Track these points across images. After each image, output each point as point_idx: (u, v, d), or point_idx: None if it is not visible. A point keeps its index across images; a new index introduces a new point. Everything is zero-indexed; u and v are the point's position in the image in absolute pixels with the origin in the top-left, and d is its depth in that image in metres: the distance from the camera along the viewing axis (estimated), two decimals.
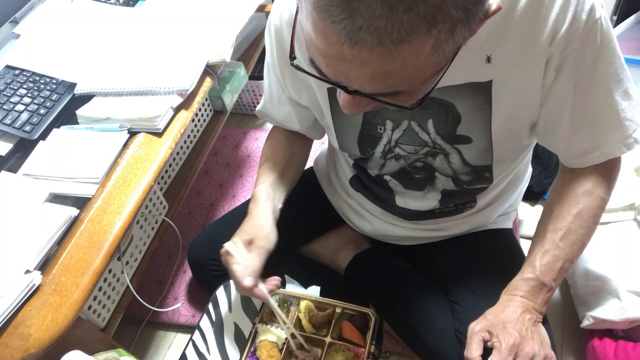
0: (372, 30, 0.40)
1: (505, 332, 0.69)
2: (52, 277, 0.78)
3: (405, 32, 0.40)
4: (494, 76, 0.65)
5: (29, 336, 0.73)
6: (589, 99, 0.66)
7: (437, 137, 0.74)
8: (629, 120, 0.67)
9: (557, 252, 0.73)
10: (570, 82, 0.64)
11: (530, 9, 0.59)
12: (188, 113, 0.98)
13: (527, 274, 0.74)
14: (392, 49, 0.42)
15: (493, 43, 0.62)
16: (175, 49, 1.06)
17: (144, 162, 0.91)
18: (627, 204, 1.02)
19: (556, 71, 0.63)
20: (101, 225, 0.84)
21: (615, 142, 0.69)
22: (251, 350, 0.88)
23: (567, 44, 0.60)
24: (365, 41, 0.41)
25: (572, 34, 0.59)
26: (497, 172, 0.80)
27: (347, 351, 0.85)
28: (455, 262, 0.92)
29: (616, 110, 0.66)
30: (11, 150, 0.98)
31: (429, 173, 0.81)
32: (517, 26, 0.60)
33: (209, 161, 1.56)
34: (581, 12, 0.58)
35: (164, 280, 1.28)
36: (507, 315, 0.72)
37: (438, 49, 0.44)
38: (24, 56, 1.10)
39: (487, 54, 0.63)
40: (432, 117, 0.72)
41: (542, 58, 0.62)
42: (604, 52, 0.62)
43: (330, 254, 1.10)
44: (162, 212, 1.12)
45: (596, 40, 0.61)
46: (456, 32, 0.43)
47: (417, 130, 0.74)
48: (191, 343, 0.94)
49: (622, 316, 0.89)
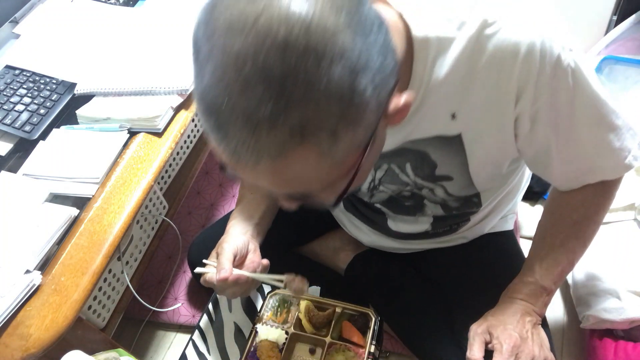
0: (247, 150, 0.41)
1: (506, 334, 0.69)
2: (52, 277, 0.78)
3: (277, 149, 0.40)
4: (462, 130, 0.64)
5: (29, 336, 0.73)
6: (574, 139, 0.63)
7: (417, 179, 0.74)
8: (619, 149, 0.65)
9: (556, 256, 0.73)
10: (549, 128, 0.61)
11: (491, 68, 0.56)
12: (188, 113, 0.98)
13: (526, 277, 0.74)
14: (272, 163, 0.42)
15: (456, 101, 0.60)
16: (175, 48, 1.06)
17: (144, 162, 0.91)
18: (627, 204, 1.02)
19: (531, 122, 0.60)
20: (101, 225, 0.84)
21: (607, 169, 0.68)
22: (251, 350, 0.88)
23: (535, 98, 0.57)
24: (245, 159, 0.41)
25: (539, 89, 0.57)
26: (485, 197, 0.79)
27: (347, 351, 0.85)
28: (454, 265, 0.92)
29: (604, 145, 0.64)
30: (11, 150, 0.98)
31: (417, 201, 0.80)
32: (479, 86, 0.58)
33: (209, 161, 1.55)
34: (546, 66, 0.55)
35: (164, 280, 1.28)
36: (507, 317, 0.72)
37: (325, 156, 0.42)
38: (24, 56, 1.10)
39: (452, 111, 0.62)
40: (409, 162, 0.71)
41: (509, 115, 0.60)
42: (579, 95, 0.59)
43: (330, 254, 1.10)
44: (162, 212, 1.12)
45: (568, 86, 0.57)
46: (340, 138, 0.42)
47: (397, 172, 0.74)
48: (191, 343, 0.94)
49: (622, 316, 0.89)
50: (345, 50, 0.39)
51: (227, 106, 0.39)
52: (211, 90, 0.40)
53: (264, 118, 0.39)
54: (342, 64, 0.39)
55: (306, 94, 0.38)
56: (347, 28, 0.39)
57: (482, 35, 0.55)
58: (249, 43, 0.37)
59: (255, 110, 0.38)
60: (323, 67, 0.38)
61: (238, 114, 0.39)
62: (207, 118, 0.42)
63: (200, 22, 0.42)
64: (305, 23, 0.37)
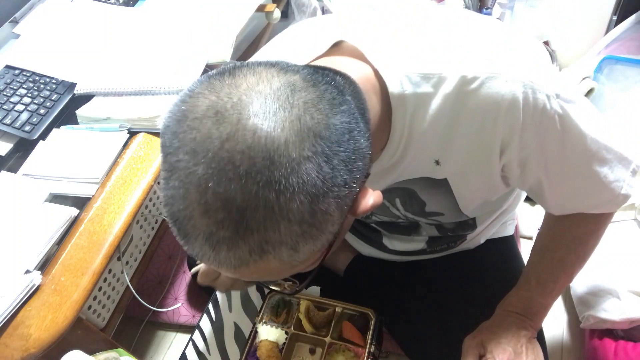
0: (208, 259, 0.42)
1: (500, 348, 0.68)
2: (52, 277, 0.78)
3: (237, 262, 0.41)
4: (447, 175, 0.63)
5: (29, 336, 0.73)
6: (566, 176, 0.62)
7: (408, 214, 0.74)
8: (614, 182, 0.64)
9: (554, 271, 0.72)
10: (540, 168, 0.60)
11: (473, 122, 0.55)
12: None
13: (522, 290, 0.73)
14: (233, 271, 0.42)
15: (439, 149, 0.59)
16: (175, 49, 1.06)
17: (144, 162, 0.91)
18: (627, 204, 1.02)
19: (520, 167, 0.59)
20: (101, 225, 0.84)
21: (605, 202, 0.67)
22: (251, 350, 0.88)
23: (522, 148, 0.56)
24: (210, 261, 0.42)
25: (525, 139, 0.55)
26: (480, 220, 0.79)
27: (347, 351, 0.85)
28: (453, 271, 0.91)
29: (598, 180, 0.63)
30: (11, 150, 0.98)
31: (412, 223, 0.80)
32: (461, 137, 0.56)
33: None
34: (529, 118, 0.53)
35: (164, 280, 1.28)
36: (502, 330, 0.71)
37: (286, 263, 0.43)
38: (24, 56, 1.10)
39: (435, 158, 0.61)
40: (398, 198, 0.71)
41: (495, 164, 0.58)
42: (568, 138, 0.57)
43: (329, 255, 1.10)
44: (162, 212, 1.12)
45: (556, 131, 0.56)
46: (300, 249, 0.42)
47: (388, 205, 0.74)
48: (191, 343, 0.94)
49: (622, 316, 0.89)
50: (308, 181, 0.39)
51: (188, 223, 0.40)
52: (175, 202, 0.41)
53: (224, 239, 0.39)
54: (303, 194, 0.39)
55: (265, 222, 0.39)
56: (313, 156, 0.39)
57: (461, 91, 0.53)
58: (211, 171, 0.38)
59: (216, 232, 0.39)
60: (284, 199, 0.38)
61: (199, 232, 0.40)
62: (172, 224, 0.43)
63: (168, 125, 0.42)
64: (268, 155, 0.37)
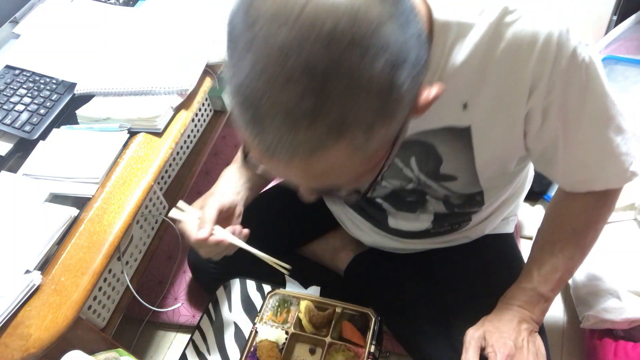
0: (283, 146, 0.40)
1: (501, 342, 0.69)
2: (52, 277, 0.78)
3: (313, 145, 0.40)
4: (472, 122, 0.63)
5: (29, 336, 0.73)
6: (581, 138, 0.63)
7: (421, 174, 0.73)
8: (624, 154, 0.65)
9: (555, 263, 0.73)
10: (559, 123, 0.61)
11: (508, 56, 0.56)
12: (188, 113, 0.98)
13: (524, 283, 0.74)
14: (307, 159, 0.41)
15: (469, 91, 0.60)
16: (175, 49, 1.06)
17: (144, 162, 0.91)
18: (627, 204, 1.02)
19: (542, 116, 0.61)
20: (101, 225, 0.84)
21: (612, 176, 0.68)
22: (251, 350, 0.88)
23: (549, 91, 0.57)
24: (280, 154, 0.41)
25: (553, 82, 0.57)
26: (488, 196, 0.79)
27: (347, 351, 0.85)
28: (453, 267, 0.92)
29: (610, 148, 0.64)
30: (11, 150, 0.98)
31: (420, 196, 0.80)
32: (493, 76, 0.58)
33: (209, 161, 1.55)
34: (561, 59, 0.55)
35: (164, 280, 1.28)
36: (503, 324, 0.71)
37: (358, 151, 0.42)
38: (24, 56, 1.10)
39: (463, 101, 0.61)
40: (414, 155, 0.71)
41: (522, 108, 0.60)
42: (590, 91, 0.59)
43: (329, 254, 1.10)
44: (162, 212, 1.12)
45: (580, 80, 0.58)
46: (375, 132, 0.42)
47: (401, 166, 0.73)
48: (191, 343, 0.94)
49: (622, 316, 0.89)
50: (389, 44, 0.38)
51: (267, 101, 0.38)
52: (250, 83, 0.39)
53: (305, 114, 0.38)
54: (384, 58, 0.38)
55: (348, 89, 0.38)
56: (391, 19, 0.39)
57: (502, 22, 0.54)
58: (294, 35, 0.36)
59: (296, 105, 0.38)
60: (366, 61, 0.37)
61: (278, 109, 0.38)
62: (244, 112, 0.41)
63: (238, 10, 0.40)
64: (351, 14, 0.36)
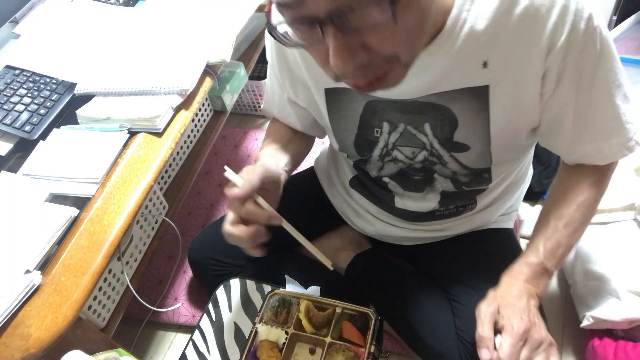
0: None
1: (517, 317, 0.68)
2: (52, 277, 0.78)
3: None
4: (490, 81, 0.65)
5: (29, 336, 0.73)
6: (591, 104, 0.66)
7: (435, 141, 0.74)
8: (629, 123, 0.68)
9: (559, 238, 0.74)
10: (572, 89, 0.64)
11: (526, 17, 0.58)
12: (188, 113, 0.98)
13: (531, 258, 0.74)
14: None
15: (490, 48, 0.62)
16: (175, 49, 1.06)
17: (144, 162, 0.91)
18: (627, 204, 1.02)
19: (557, 79, 0.63)
20: (101, 225, 0.84)
21: (617, 145, 0.70)
22: (251, 350, 0.88)
23: (566, 54, 0.60)
24: None
25: (571, 44, 0.59)
26: (496, 173, 0.80)
27: (347, 351, 0.85)
28: (455, 261, 0.92)
29: (617, 114, 0.67)
30: (11, 150, 0.98)
31: (427, 174, 0.81)
32: (513, 33, 0.59)
33: (209, 161, 1.56)
34: (579, 21, 0.58)
35: (164, 280, 1.28)
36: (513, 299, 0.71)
37: None
38: (24, 56, 1.10)
39: (484, 59, 0.63)
40: (428, 121, 0.72)
41: (539, 68, 0.62)
42: (604, 58, 0.62)
43: (330, 254, 1.10)
44: (162, 212, 1.12)
45: (595, 47, 0.60)
46: None
47: (414, 132, 0.74)
48: (191, 343, 0.94)
49: (622, 316, 0.89)
50: None
51: None
52: None
53: None
54: None
55: None
56: None
57: None
58: None
59: None
60: None
61: None
62: None
63: None
64: None
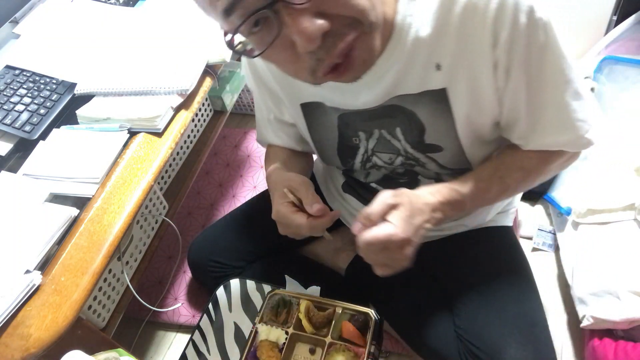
0: None
1: (403, 225, 0.64)
2: (52, 277, 0.78)
3: None
4: (447, 84, 0.65)
5: (29, 336, 0.73)
6: (541, 100, 0.65)
7: (407, 145, 0.74)
8: (581, 120, 0.67)
9: (490, 185, 0.73)
10: (521, 84, 0.63)
11: (467, 14, 0.58)
12: (188, 113, 0.98)
13: (459, 187, 0.72)
14: None
15: (439, 50, 0.62)
16: (175, 49, 1.06)
17: (144, 162, 0.91)
18: (627, 204, 1.02)
19: (506, 74, 0.62)
20: (101, 225, 0.84)
21: (568, 142, 0.69)
22: (251, 350, 0.88)
23: (511, 47, 0.60)
24: None
25: (514, 37, 0.59)
26: None
27: (347, 351, 0.85)
28: (454, 260, 0.92)
29: (567, 112, 0.66)
30: (11, 150, 0.98)
31: (412, 177, 0.81)
32: (458, 32, 0.60)
33: (209, 161, 1.56)
34: (519, 14, 0.57)
35: (164, 280, 1.28)
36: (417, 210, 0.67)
37: None
38: (24, 56, 1.10)
39: (436, 62, 0.63)
40: (399, 126, 0.73)
41: (489, 62, 0.61)
42: (549, 53, 0.61)
43: (330, 254, 1.10)
44: (162, 212, 1.12)
45: (539, 40, 0.60)
46: None
47: (389, 137, 0.75)
48: (191, 343, 0.94)
49: (622, 316, 0.89)
50: None
51: None
52: None
53: None
54: None
55: None
56: None
57: None
58: None
59: None
60: None
61: None
62: None
63: None
64: None
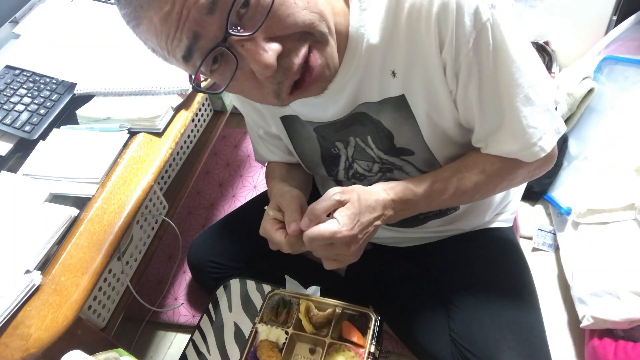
0: None
1: (349, 223, 0.63)
2: (52, 277, 0.78)
3: None
4: (404, 90, 0.65)
5: (29, 336, 0.73)
6: (492, 105, 0.64)
7: (380, 153, 0.74)
8: (532, 127, 0.64)
9: (447, 187, 0.71)
10: (471, 87, 0.62)
11: (411, 19, 0.58)
12: (188, 113, 0.98)
13: (414, 187, 0.70)
14: None
15: (392, 57, 0.62)
16: None
17: (144, 162, 0.91)
18: (627, 204, 1.02)
19: (455, 77, 0.61)
20: (101, 225, 0.84)
21: (521, 150, 0.67)
22: (251, 350, 0.88)
23: (458, 51, 0.58)
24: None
25: (459, 41, 0.57)
26: None
27: (347, 351, 0.85)
28: (452, 263, 0.92)
29: (518, 118, 0.64)
30: (11, 150, 0.98)
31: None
32: (406, 38, 0.59)
33: (209, 161, 1.56)
34: (463, 16, 0.56)
35: (164, 280, 1.28)
36: (368, 206, 0.66)
37: None
38: (24, 56, 1.10)
39: (391, 69, 0.63)
40: (370, 134, 0.72)
41: (438, 66, 0.60)
42: (499, 58, 0.59)
43: None
44: (162, 212, 1.12)
45: (488, 44, 0.58)
46: None
47: (363, 146, 0.75)
48: (191, 343, 0.94)
49: (622, 316, 0.89)
50: None
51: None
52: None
53: None
54: None
55: None
56: None
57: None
58: None
59: None
60: None
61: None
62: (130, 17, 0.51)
63: None
64: None
